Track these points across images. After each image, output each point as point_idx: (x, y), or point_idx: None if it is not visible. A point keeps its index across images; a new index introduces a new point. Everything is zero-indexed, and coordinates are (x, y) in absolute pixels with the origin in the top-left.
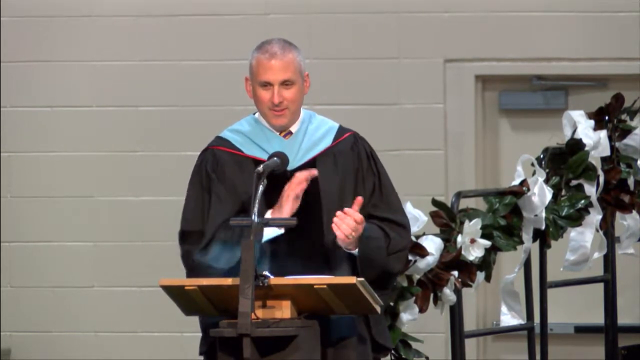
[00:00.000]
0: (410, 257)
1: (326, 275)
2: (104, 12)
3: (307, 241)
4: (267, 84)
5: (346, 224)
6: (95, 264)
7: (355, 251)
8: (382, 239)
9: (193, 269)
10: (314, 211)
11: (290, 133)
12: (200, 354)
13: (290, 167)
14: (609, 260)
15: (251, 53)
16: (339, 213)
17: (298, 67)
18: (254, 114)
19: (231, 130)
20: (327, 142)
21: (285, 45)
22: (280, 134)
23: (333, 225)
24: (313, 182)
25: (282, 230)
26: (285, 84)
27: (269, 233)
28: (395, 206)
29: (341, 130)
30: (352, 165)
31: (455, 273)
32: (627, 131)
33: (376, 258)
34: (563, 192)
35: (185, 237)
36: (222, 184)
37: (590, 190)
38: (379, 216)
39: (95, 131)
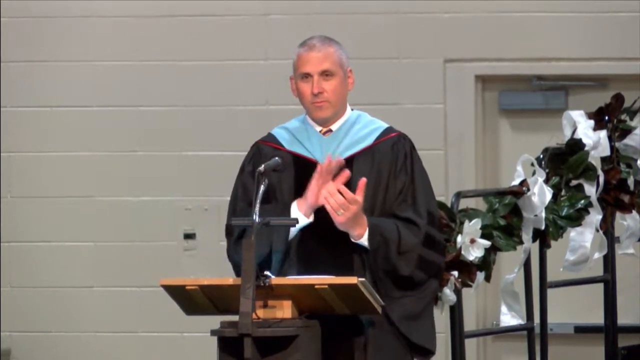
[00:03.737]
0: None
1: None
2: (104, 12)
3: (337, 240)
4: (307, 75)
5: (335, 199)
6: (95, 264)
7: (361, 241)
8: (393, 232)
9: (235, 265)
10: None
11: (330, 131)
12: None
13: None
14: (609, 261)
15: (294, 52)
16: (330, 188)
17: (338, 59)
18: (306, 113)
19: (281, 127)
20: (369, 141)
21: (327, 39)
22: (320, 131)
23: (322, 198)
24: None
25: (311, 219)
26: (325, 74)
27: (300, 222)
28: (419, 207)
29: (387, 130)
30: (389, 164)
31: (455, 273)
32: (627, 131)
33: (383, 252)
34: (563, 192)
35: (227, 230)
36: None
37: (590, 190)
38: (400, 215)
39: (95, 131)
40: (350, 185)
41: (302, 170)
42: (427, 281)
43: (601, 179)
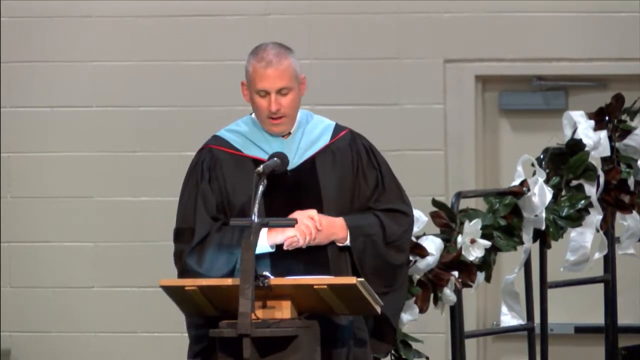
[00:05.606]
0: (410, 257)
1: (328, 274)
2: (104, 12)
3: None
4: (264, 92)
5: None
6: (95, 264)
7: (346, 243)
8: (375, 226)
9: (184, 272)
10: (314, 208)
11: (289, 133)
12: (190, 357)
13: (290, 167)
14: (609, 261)
15: (247, 58)
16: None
17: (294, 73)
18: (251, 114)
19: (229, 130)
20: (325, 140)
21: (281, 51)
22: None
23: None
24: (313, 180)
25: (272, 249)
26: (282, 92)
27: (259, 249)
28: (395, 195)
29: (338, 128)
30: (351, 161)
31: (456, 273)
32: (627, 131)
33: (371, 250)
34: (563, 193)
35: (178, 235)
36: (216, 184)
37: (591, 190)
38: (383, 207)
39: (95, 131)
40: (318, 184)
41: (269, 174)
42: (405, 269)
43: (601, 179)
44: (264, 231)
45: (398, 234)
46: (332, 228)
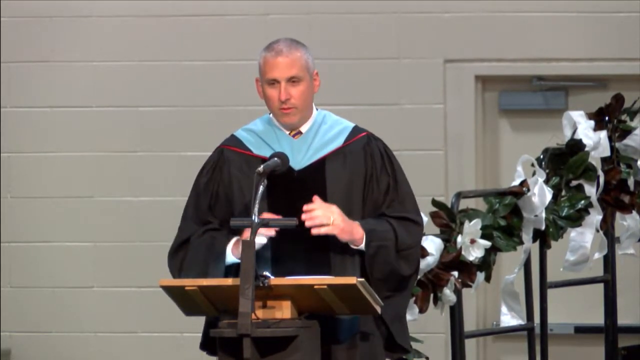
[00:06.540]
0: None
1: (329, 275)
2: (104, 12)
3: (311, 241)
4: (274, 82)
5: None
6: (95, 264)
7: (362, 246)
8: (389, 232)
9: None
10: None
11: (300, 133)
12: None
13: (298, 167)
14: (609, 261)
15: (259, 54)
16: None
17: (305, 64)
18: (270, 113)
19: (245, 129)
20: (339, 142)
21: (292, 43)
22: (290, 134)
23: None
24: (319, 182)
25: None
26: (292, 80)
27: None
28: (408, 204)
29: (355, 130)
30: (363, 165)
31: (455, 273)
32: (627, 131)
33: (382, 256)
34: (563, 193)
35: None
36: (215, 185)
37: (590, 190)
38: (392, 215)
39: (95, 131)
40: (325, 187)
41: (271, 174)
42: (413, 277)
43: (601, 180)
44: (228, 249)
45: (408, 243)
46: (352, 226)
